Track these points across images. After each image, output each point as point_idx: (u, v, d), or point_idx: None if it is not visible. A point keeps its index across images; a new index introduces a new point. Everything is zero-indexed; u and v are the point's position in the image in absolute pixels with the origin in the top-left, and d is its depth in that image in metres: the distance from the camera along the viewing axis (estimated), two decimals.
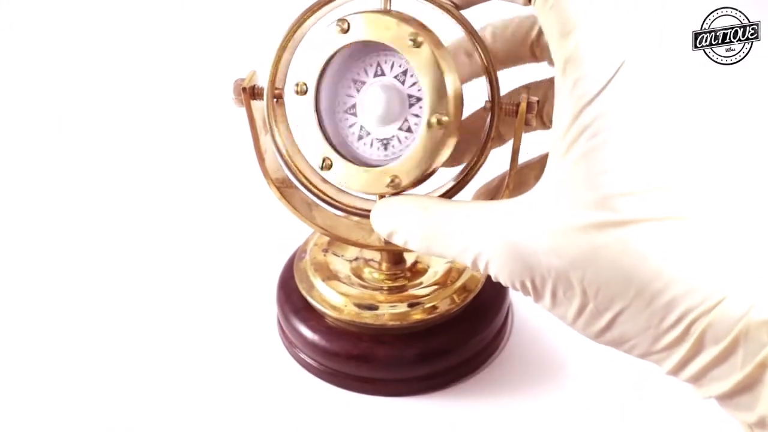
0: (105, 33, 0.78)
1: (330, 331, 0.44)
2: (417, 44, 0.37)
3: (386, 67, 0.39)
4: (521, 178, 0.41)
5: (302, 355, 0.46)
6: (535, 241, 0.33)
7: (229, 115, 0.47)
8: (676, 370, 0.33)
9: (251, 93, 0.40)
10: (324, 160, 0.39)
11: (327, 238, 0.47)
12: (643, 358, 0.34)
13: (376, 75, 0.39)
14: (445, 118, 0.37)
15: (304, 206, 0.44)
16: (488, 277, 0.45)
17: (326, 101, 0.39)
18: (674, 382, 0.34)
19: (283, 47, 0.40)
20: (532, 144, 0.41)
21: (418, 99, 0.38)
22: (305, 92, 0.38)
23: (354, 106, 0.39)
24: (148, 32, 0.79)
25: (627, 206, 0.32)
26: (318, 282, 0.45)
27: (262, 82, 0.41)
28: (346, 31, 0.37)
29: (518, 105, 0.38)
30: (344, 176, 0.39)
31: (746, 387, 0.31)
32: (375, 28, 0.37)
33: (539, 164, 0.41)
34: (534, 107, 0.38)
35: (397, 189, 0.38)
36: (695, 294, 0.31)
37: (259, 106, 0.41)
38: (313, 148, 0.39)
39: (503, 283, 0.35)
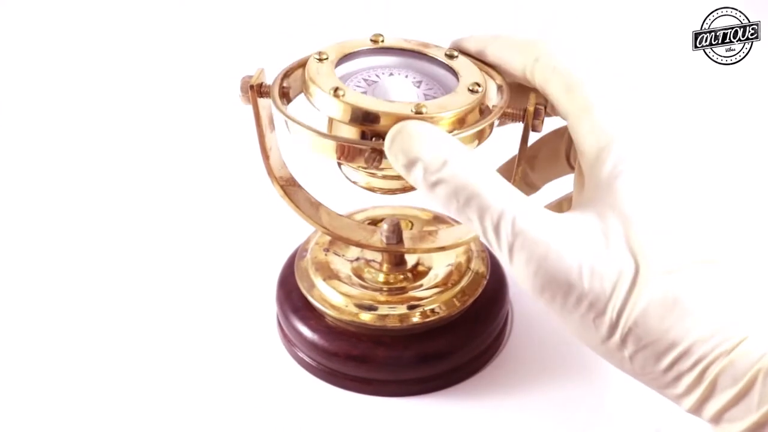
0: (112, 30, 0.78)
1: (329, 331, 0.44)
2: (452, 57, 0.40)
3: (401, 71, 0.41)
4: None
5: (301, 354, 0.46)
6: (578, 258, 0.33)
7: (234, 111, 0.47)
8: (695, 410, 0.33)
9: (258, 91, 0.40)
10: (336, 89, 0.38)
11: (328, 238, 0.47)
12: (661, 394, 0.35)
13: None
14: (480, 87, 0.38)
15: (308, 205, 0.44)
16: (489, 281, 0.45)
17: None
18: None
19: (300, 64, 0.41)
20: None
21: (433, 97, 0.39)
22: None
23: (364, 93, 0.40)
24: (154, 28, 0.79)
25: (656, 256, 0.33)
26: (318, 281, 0.45)
27: (269, 80, 0.41)
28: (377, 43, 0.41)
29: (525, 110, 0.38)
30: (359, 98, 0.37)
31: (761, 426, 0.31)
32: (411, 43, 0.41)
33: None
34: (541, 113, 0.39)
35: (418, 114, 0.37)
36: (714, 338, 0.32)
37: (266, 104, 0.41)
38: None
39: (527, 283, 0.34)
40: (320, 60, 0.39)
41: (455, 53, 0.41)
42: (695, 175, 0.36)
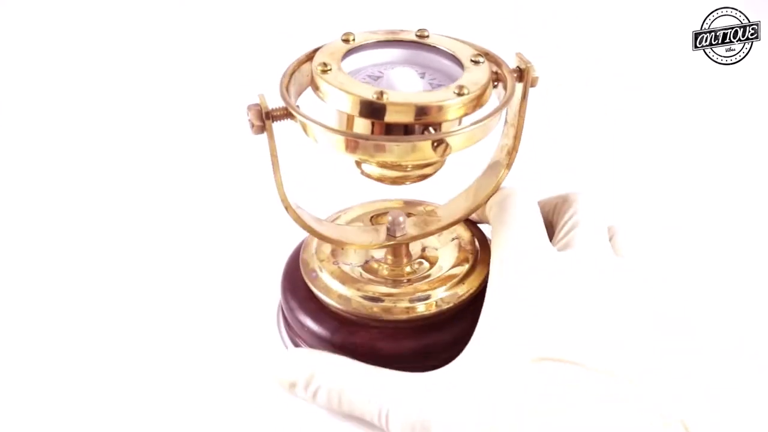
0: (112, 32, 0.78)
1: (335, 323, 0.44)
2: (423, 37, 0.41)
3: (403, 64, 0.41)
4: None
5: (305, 346, 0.45)
6: (442, 418, 0.35)
7: (232, 114, 0.47)
8: None
9: (271, 116, 0.39)
10: (381, 93, 0.37)
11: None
12: None
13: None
14: (481, 57, 0.39)
15: (314, 223, 0.44)
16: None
17: None
18: None
19: (289, 75, 0.40)
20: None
21: (439, 85, 0.40)
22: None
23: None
24: (151, 30, 0.79)
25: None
26: (324, 274, 0.45)
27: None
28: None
29: (522, 69, 0.40)
30: (401, 96, 0.38)
31: None
32: (378, 34, 0.41)
33: None
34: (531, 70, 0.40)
35: (461, 96, 0.37)
36: None
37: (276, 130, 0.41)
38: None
39: None
40: (324, 72, 0.39)
41: (426, 32, 0.41)
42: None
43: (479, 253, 0.46)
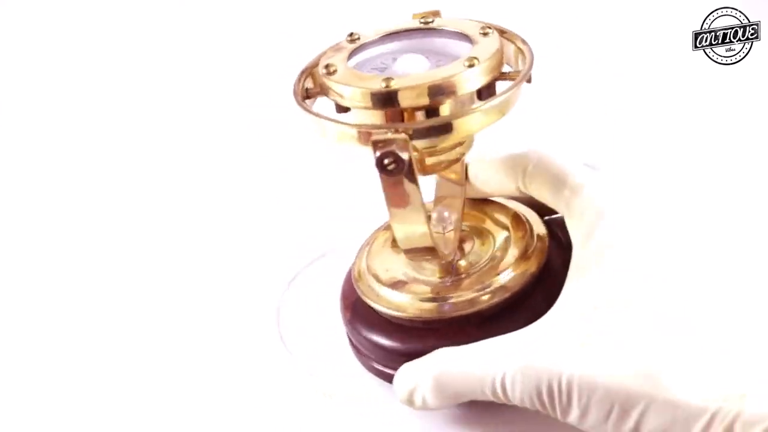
0: (112, 39, 0.79)
1: (404, 334, 0.43)
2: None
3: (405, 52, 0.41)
4: None
5: (377, 365, 0.44)
6: (557, 355, 0.35)
7: (231, 115, 0.47)
8: None
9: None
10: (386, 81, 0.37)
11: (382, 254, 0.46)
12: None
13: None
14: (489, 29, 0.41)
15: None
16: (553, 249, 0.45)
17: None
18: None
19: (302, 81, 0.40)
20: None
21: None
22: None
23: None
24: (152, 38, 0.79)
25: None
26: (383, 289, 0.44)
27: None
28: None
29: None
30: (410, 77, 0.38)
31: None
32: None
33: None
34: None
35: (473, 67, 0.37)
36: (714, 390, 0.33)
37: None
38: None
39: (521, 400, 0.36)
40: (330, 74, 0.39)
41: (429, 18, 0.42)
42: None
43: (530, 230, 0.45)
